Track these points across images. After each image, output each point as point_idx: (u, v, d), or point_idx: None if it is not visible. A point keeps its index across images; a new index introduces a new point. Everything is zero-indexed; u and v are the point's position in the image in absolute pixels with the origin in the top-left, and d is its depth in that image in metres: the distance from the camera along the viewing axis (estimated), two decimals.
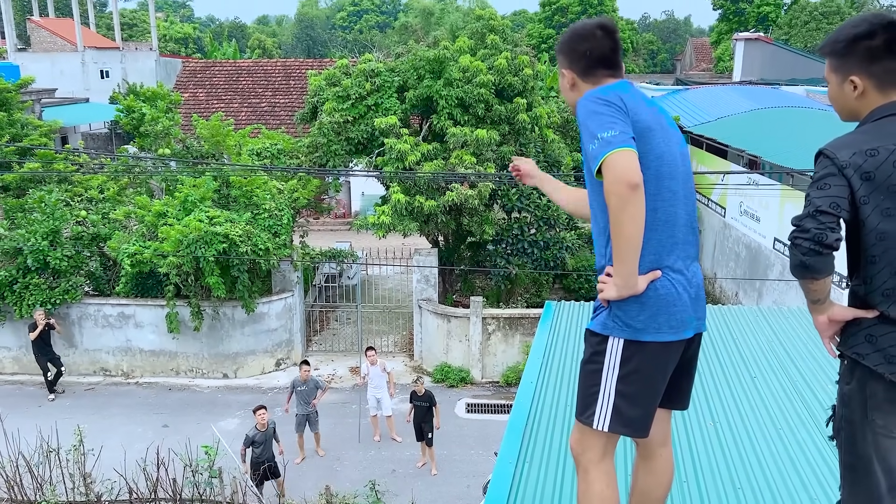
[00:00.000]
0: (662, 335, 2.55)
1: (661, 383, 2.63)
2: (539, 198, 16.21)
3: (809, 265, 2.23)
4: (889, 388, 2.28)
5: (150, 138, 17.95)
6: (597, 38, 2.68)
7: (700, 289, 2.69)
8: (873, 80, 2.30)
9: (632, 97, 2.57)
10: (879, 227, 2.22)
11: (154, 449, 7.60)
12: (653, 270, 2.55)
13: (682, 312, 2.58)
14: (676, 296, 2.57)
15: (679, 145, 2.64)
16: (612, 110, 2.46)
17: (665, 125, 2.61)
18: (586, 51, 2.69)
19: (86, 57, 37.64)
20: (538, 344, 5.47)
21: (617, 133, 2.39)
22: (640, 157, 2.44)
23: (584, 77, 2.72)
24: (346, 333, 17.83)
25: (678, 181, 2.59)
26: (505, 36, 17.17)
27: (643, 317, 2.54)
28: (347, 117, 15.94)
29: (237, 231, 14.03)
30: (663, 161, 2.54)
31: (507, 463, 3.72)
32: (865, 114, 2.35)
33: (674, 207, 2.57)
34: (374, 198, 21.18)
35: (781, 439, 4.07)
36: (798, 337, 5.75)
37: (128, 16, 63.44)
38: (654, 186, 2.51)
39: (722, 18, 57.15)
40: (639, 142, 2.46)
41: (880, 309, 2.29)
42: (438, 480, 11.86)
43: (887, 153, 2.20)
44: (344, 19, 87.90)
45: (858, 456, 2.38)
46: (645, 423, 2.63)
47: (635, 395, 2.58)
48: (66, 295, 14.99)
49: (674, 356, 2.63)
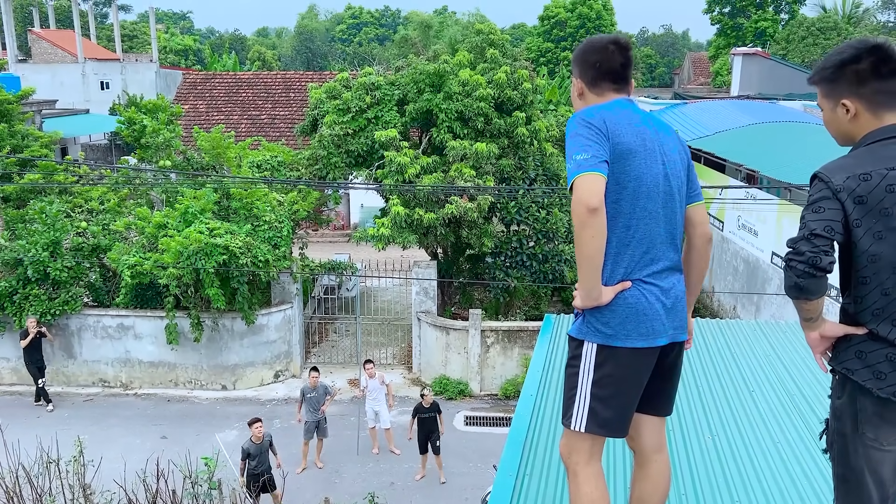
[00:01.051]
0: (632, 341, 2.67)
1: (634, 387, 2.74)
2: (538, 211, 16.28)
3: (804, 287, 2.31)
4: (878, 403, 2.35)
5: (150, 150, 18.01)
6: (608, 52, 2.80)
7: (679, 300, 2.78)
8: (863, 101, 2.39)
9: (618, 118, 2.67)
10: (871, 249, 2.29)
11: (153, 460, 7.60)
12: (623, 282, 2.68)
13: (654, 321, 2.69)
14: (647, 305, 2.68)
15: (664, 165, 2.72)
16: (591, 133, 2.58)
17: (649, 147, 2.68)
18: (596, 62, 2.81)
19: (86, 68, 37.80)
20: (538, 357, 5.50)
21: (588, 157, 2.53)
22: (618, 178, 2.60)
23: (591, 87, 2.84)
24: (344, 345, 17.84)
25: (656, 201, 2.68)
26: (504, 50, 17.29)
27: (614, 323, 2.68)
28: (347, 130, 16.02)
29: (237, 243, 14.07)
30: (641, 182, 2.64)
31: (507, 476, 3.74)
32: (859, 137, 2.43)
33: (649, 226, 2.68)
34: (373, 210, 21.25)
35: (779, 454, 4.11)
36: (796, 351, 5.78)
37: (128, 27, 63.72)
38: (630, 206, 2.65)
39: (720, 33, 57.47)
40: (617, 163, 2.59)
41: (870, 327, 2.36)
42: (436, 493, 11.85)
43: (879, 178, 2.27)
44: (343, 32, 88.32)
45: (851, 468, 2.44)
46: (620, 424, 2.75)
47: (609, 398, 2.70)
48: (65, 306, 15.00)
49: (646, 362, 2.73)
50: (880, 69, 2.35)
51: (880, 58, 2.35)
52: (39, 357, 14.70)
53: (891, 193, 2.26)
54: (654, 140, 2.72)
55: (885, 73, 2.36)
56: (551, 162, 16.81)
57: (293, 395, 15.19)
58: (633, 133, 2.66)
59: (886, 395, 2.32)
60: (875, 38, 2.41)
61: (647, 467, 2.94)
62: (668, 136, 2.82)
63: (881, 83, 2.36)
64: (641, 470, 2.97)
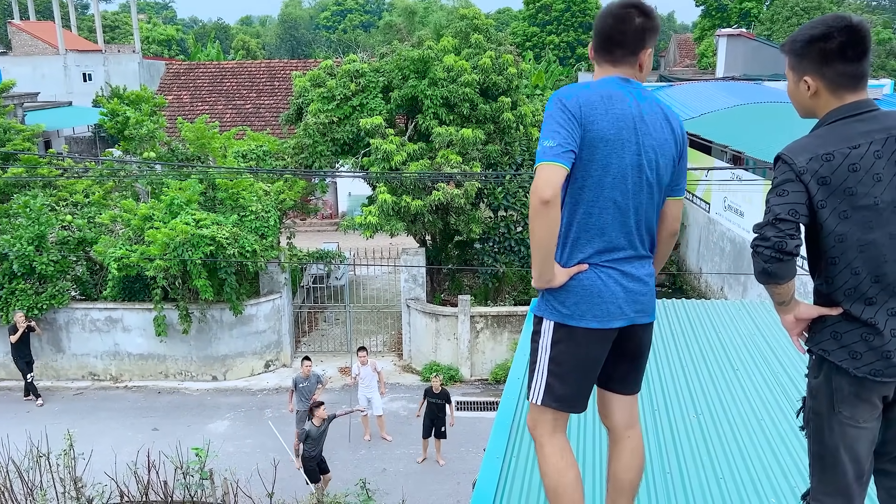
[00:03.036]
0: (586, 322, 2.70)
1: (588, 366, 2.78)
2: (525, 196, 16.29)
3: (772, 272, 2.33)
4: (854, 382, 2.38)
5: (134, 141, 17.88)
6: (624, 17, 2.65)
7: (642, 284, 2.76)
8: (825, 81, 2.36)
9: (598, 103, 2.59)
10: (837, 229, 2.30)
11: (144, 452, 7.61)
12: (580, 265, 2.71)
13: (609, 304, 2.70)
14: (603, 287, 2.70)
15: (639, 156, 2.63)
16: (563, 117, 2.57)
17: (624, 136, 2.60)
18: (608, 28, 2.69)
19: (68, 60, 37.35)
20: (525, 341, 5.53)
21: (555, 145, 2.53)
22: (585, 164, 2.59)
23: (601, 54, 2.75)
24: (334, 334, 17.85)
25: (623, 191, 2.63)
26: (489, 35, 17.24)
27: (569, 303, 2.72)
28: (333, 118, 15.95)
29: (224, 233, 14.02)
30: (608, 171, 2.61)
31: (495, 459, 3.77)
32: (821, 113, 2.42)
33: (612, 216, 2.65)
34: (360, 198, 21.20)
35: (763, 430, 4.16)
36: (780, 331, 5.84)
37: (109, 18, 62.96)
38: (594, 194, 2.64)
39: (705, 14, 57.41)
40: (586, 150, 2.58)
41: (843, 307, 2.37)
42: (428, 479, 11.92)
43: (842, 157, 2.27)
44: (328, 19, 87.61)
45: (826, 446, 2.47)
46: (575, 400, 2.81)
47: (564, 374, 2.76)
48: (52, 300, 14.92)
49: (601, 342, 2.76)
50: (847, 52, 2.30)
51: (851, 39, 2.29)
52: (28, 352, 14.63)
53: (854, 173, 2.25)
54: (635, 129, 2.62)
55: (851, 56, 2.31)
56: (537, 147, 16.81)
57: (284, 385, 15.20)
58: (611, 120, 2.59)
59: (863, 375, 2.35)
60: (851, 16, 2.33)
61: (620, 444, 2.98)
62: (658, 123, 2.69)
63: (846, 66, 2.32)
64: (615, 447, 3.01)
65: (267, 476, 8.23)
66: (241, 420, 14.05)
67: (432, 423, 12.16)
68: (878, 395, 2.39)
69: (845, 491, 2.49)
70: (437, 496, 11.37)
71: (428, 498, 11.29)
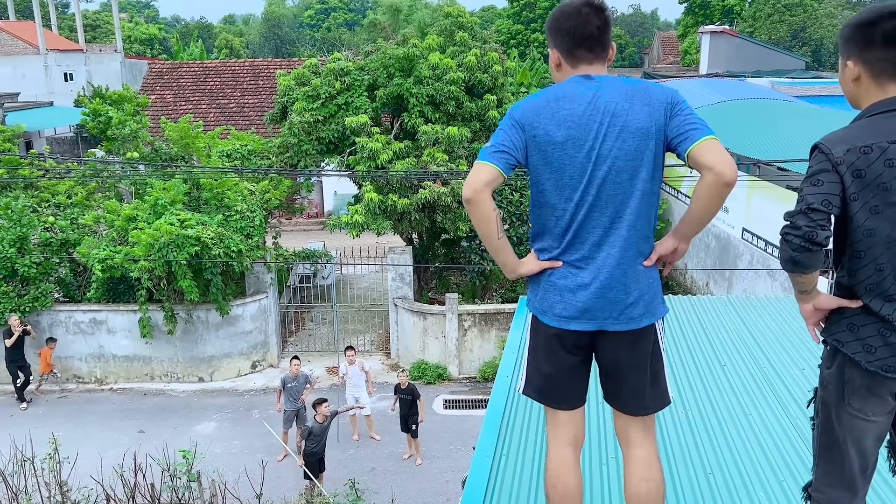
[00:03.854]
0: (548, 318, 2.71)
1: (555, 363, 2.76)
2: (511, 194, 16.31)
3: (799, 261, 2.31)
4: (866, 376, 2.37)
5: (117, 142, 17.70)
6: (582, 16, 2.58)
7: (610, 291, 2.61)
8: (867, 67, 2.34)
9: (544, 108, 2.58)
10: (866, 223, 2.28)
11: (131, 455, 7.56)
12: (553, 260, 2.71)
13: (569, 305, 2.64)
14: (565, 287, 2.67)
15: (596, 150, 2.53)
16: (506, 123, 2.67)
17: (575, 134, 2.54)
18: (570, 28, 2.60)
19: (48, 60, 36.98)
20: (513, 338, 5.53)
21: (489, 145, 2.64)
22: (538, 168, 2.64)
23: (567, 57, 2.67)
24: (321, 334, 17.79)
25: (585, 188, 2.56)
26: (474, 33, 17.23)
27: (538, 297, 2.77)
28: (318, 117, 15.89)
29: (209, 233, 13.93)
30: (563, 172, 2.59)
31: (484, 457, 3.77)
32: (864, 103, 2.39)
33: (573, 212, 2.60)
34: (346, 197, 21.15)
35: (750, 424, 4.19)
36: (766, 325, 5.89)
37: (90, 17, 62.42)
38: (553, 196, 2.64)
39: (688, 12, 57.77)
40: (538, 154, 2.62)
41: (863, 301, 2.37)
42: (418, 477, 11.91)
43: (879, 151, 2.24)
44: (311, 17, 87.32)
45: (834, 437, 2.48)
46: (549, 394, 2.81)
47: (538, 366, 2.81)
48: (35, 302, 14.77)
49: (562, 341, 2.70)
50: (891, 36, 2.27)
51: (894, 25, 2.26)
52: (21, 356, 14.48)
53: (889, 168, 2.22)
54: (588, 125, 2.53)
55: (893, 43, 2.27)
56: None
57: (271, 385, 15.14)
58: (557, 122, 2.55)
59: (874, 369, 2.34)
60: None
61: (625, 465, 2.87)
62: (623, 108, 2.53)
63: (886, 51, 2.29)
64: (624, 467, 2.88)
65: (255, 477, 8.19)
66: (229, 421, 13.98)
67: (406, 418, 12.18)
68: (888, 391, 2.39)
69: (850, 483, 2.50)
70: (427, 495, 11.36)
71: (417, 496, 11.29)
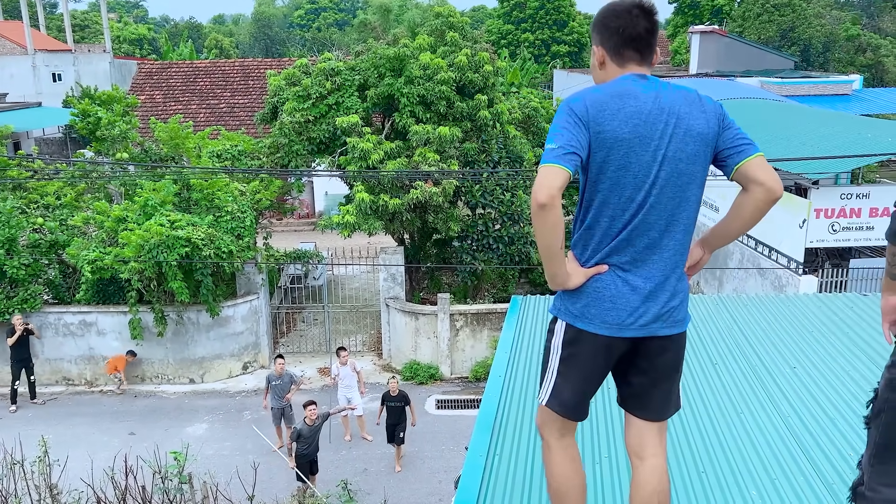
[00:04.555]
0: (594, 327, 2.61)
1: (594, 372, 2.70)
2: (502, 194, 16.32)
3: None
4: None
5: (107, 142, 17.62)
6: (632, 17, 2.58)
7: (668, 295, 2.62)
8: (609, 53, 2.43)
9: (608, 103, 2.51)
10: None
11: (121, 457, 7.51)
12: (599, 265, 2.62)
13: (621, 311, 2.59)
14: (616, 292, 2.59)
15: (662, 150, 2.53)
16: (568, 121, 2.49)
17: (641, 132, 2.51)
18: (619, 28, 2.60)
19: (37, 60, 36.73)
20: (505, 338, 5.53)
21: (556, 147, 2.45)
22: (601, 166, 2.51)
23: (613, 56, 2.65)
24: (313, 334, 17.75)
25: (646, 189, 2.53)
26: (464, 33, 17.22)
27: (579, 305, 2.64)
28: (308, 117, 15.85)
29: (199, 234, 13.88)
30: (627, 171, 2.51)
31: (478, 457, 3.76)
32: None
33: (632, 213, 2.54)
34: (337, 197, 21.10)
35: (743, 423, 4.19)
36: (756, 323, 5.90)
37: (79, 17, 62.03)
38: (610, 194, 2.54)
39: (677, 12, 57.97)
40: (599, 152, 2.50)
41: None
42: (410, 477, 11.90)
43: None
44: (301, 17, 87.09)
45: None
46: (578, 406, 2.74)
47: (571, 378, 2.69)
48: (24, 304, 14.68)
49: (610, 351, 2.65)
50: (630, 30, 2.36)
51: None
52: (27, 355, 14.52)
53: None
54: (654, 124, 2.51)
55: None
56: (514, 144, 16.85)
57: (263, 387, 15.09)
58: (623, 119, 2.49)
59: None
60: None
61: (633, 473, 2.82)
62: (682, 110, 2.56)
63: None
64: (633, 474, 2.83)
65: (247, 478, 8.16)
66: (220, 422, 13.93)
67: (394, 427, 11.94)
68: None
69: None
70: (419, 495, 11.35)
71: (409, 497, 11.28)
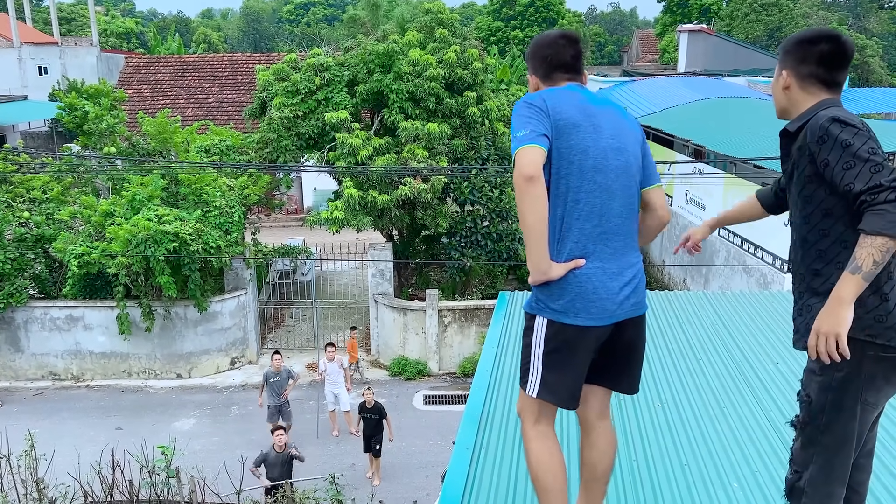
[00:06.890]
0: (581, 320, 2.69)
1: (582, 361, 2.79)
2: (491, 191, 16.36)
3: None
4: (890, 367, 2.41)
5: (94, 136, 17.50)
6: (559, 46, 2.90)
7: (636, 277, 2.81)
8: (798, 79, 2.54)
9: (561, 97, 2.73)
10: None
11: (108, 452, 7.51)
12: (576, 259, 2.69)
13: (605, 301, 2.70)
14: (599, 284, 2.70)
15: (613, 139, 2.74)
16: (530, 112, 2.65)
17: (595, 122, 2.71)
18: (547, 57, 2.91)
19: (22, 53, 36.41)
20: (493, 334, 5.57)
21: (527, 132, 2.59)
22: (562, 152, 2.64)
23: (544, 81, 2.93)
24: (301, 330, 17.74)
25: (607, 174, 2.70)
26: (454, 29, 17.23)
27: (563, 301, 2.70)
28: (297, 112, 15.82)
29: (187, 229, 13.83)
30: (587, 155, 2.66)
31: (464, 451, 3.81)
32: (794, 110, 2.59)
33: (600, 199, 2.69)
34: (326, 193, 21.09)
35: (725, 417, 4.26)
36: (741, 320, 5.98)
37: (66, 10, 61.50)
38: (578, 180, 2.66)
39: (666, 10, 58.18)
40: (561, 138, 2.64)
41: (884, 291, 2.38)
42: (397, 472, 11.94)
43: None
44: (291, 12, 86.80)
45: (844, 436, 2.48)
46: (570, 395, 2.82)
47: (559, 370, 2.77)
48: (10, 299, 14.58)
49: (597, 339, 2.77)
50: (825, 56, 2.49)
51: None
52: None
53: None
54: (602, 116, 2.74)
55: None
56: (503, 141, 16.88)
57: (250, 382, 15.09)
58: (576, 108, 2.70)
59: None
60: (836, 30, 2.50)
61: (592, 434, 3.02)
62: (619, 116, 2.83)
63: (818, 68, 2.49)
64: (587, 437, 3.04)
65: (234, 473, 8.17)
66: (208, 418, 13.91)
67: (370, 438, 11.55)
68: None
69: (844, 476, 2.53)
70: (407, 489, 11.39)
71: (397, 491, 11.31)
